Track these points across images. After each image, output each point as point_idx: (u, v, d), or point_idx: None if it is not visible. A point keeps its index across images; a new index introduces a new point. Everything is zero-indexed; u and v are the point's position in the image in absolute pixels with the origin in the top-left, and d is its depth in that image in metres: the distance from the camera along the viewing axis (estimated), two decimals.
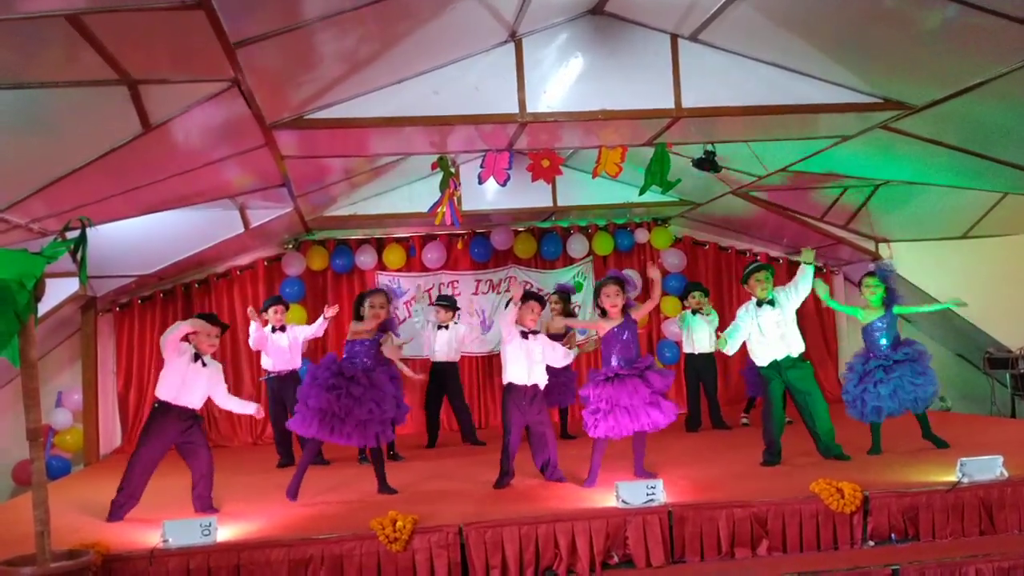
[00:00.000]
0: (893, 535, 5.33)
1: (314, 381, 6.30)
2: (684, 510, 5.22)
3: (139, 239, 8.46)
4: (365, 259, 10.90)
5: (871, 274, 7.46)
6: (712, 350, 9.56)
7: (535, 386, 6.48)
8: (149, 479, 6.01)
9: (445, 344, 9.27)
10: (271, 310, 8.40)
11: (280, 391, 8.28)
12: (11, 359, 4.54)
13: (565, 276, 11.40)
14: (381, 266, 11.01)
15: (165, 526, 4.96)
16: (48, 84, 4.63)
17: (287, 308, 8.75)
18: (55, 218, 6.20)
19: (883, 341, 7.14)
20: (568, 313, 8.84)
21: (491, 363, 11.03)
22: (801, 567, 4.93)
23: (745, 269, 7.12)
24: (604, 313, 6.39)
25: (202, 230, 8.97)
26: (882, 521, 5.32)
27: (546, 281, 11.32)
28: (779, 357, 6.79)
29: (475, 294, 11.16)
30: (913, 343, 7.20)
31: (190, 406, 6.04)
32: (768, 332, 6.80)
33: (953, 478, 5.50)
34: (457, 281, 11.16)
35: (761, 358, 6.86)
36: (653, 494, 5.27)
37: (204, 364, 6.10)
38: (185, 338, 6.09)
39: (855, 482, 5.36)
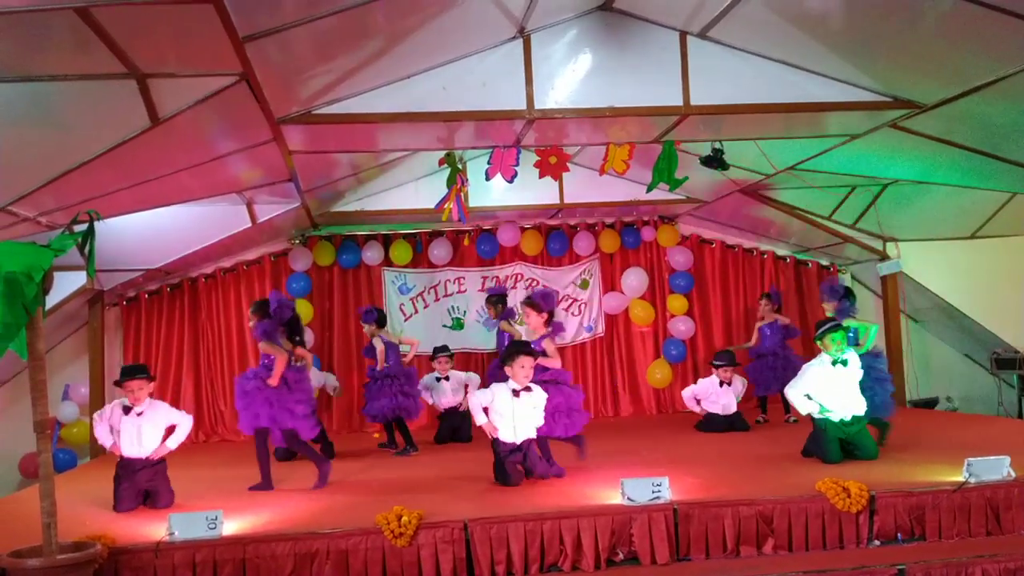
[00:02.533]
0: (899, 535, 5.31)
1: None
2: (690, 508, 5.20)
3: (146, 233, 8.48)
4: (371, 255, 10.90)
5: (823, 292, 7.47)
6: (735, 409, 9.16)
7: (526, 441, 6.30)
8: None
9: (450, 393, 9.33)
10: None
11: None
12: (19, 351, 4.55)
13: (572, 274, 11.41)
14: (387, 262, 11.01)
15: (171, 519, 4.96)
16: (57, 77, 4.65)
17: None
18: (63, 211, 6.22)
19: None
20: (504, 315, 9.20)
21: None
22: (807, 566, 4.91)
23: (818, 328, 6.89)
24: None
25: (209, 225, 8.99)
26: (888, 521, 5.29)
27: (553, 279, 11.33)
28: (845, 417, 6.64)
29: (481, 291, 11.15)
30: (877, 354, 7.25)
31: (132, 455, 6.06)
32: (837, 390, 6.68)
33: (960, 478, 5.47)
34: (463, 278, 11.15)
35: (833, 414, 6.69)
36: (659, 491, 5.26)
37: (139, 414, 6.08)
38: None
39: (861, 481, 5.34)
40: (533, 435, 6.37)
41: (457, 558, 4.98)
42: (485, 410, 6.32)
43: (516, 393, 6.27)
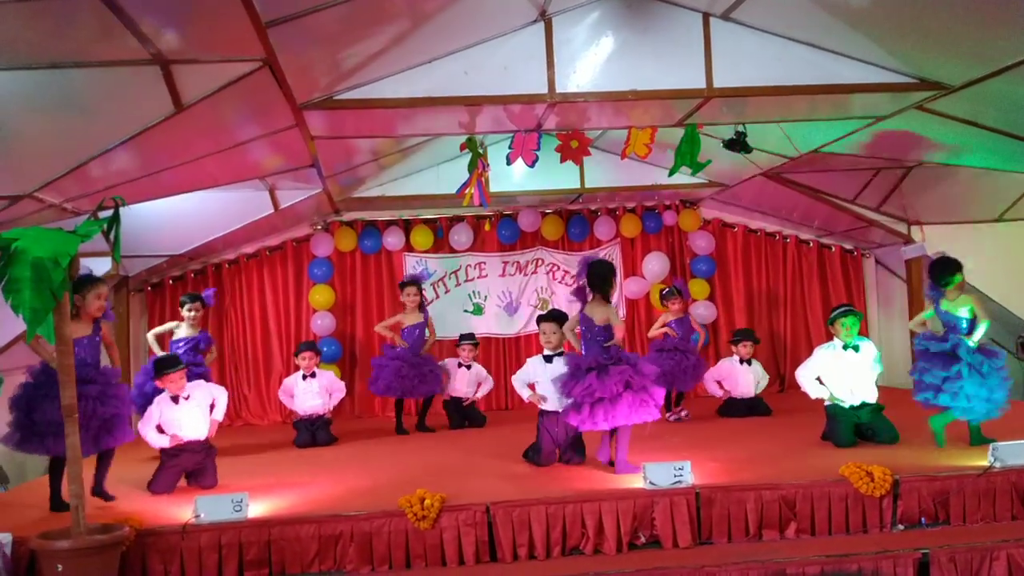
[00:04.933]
0: (923, 519, 5.29)
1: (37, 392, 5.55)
2: (712, 492, 5.21)
3: (171, 219, 8.54)
4: (393, 240, 10.92)
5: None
6: (757, 393, 9.13)
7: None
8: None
9: (465, 383, 9.28)
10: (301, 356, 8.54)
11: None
12: (47, 336, 4.62)
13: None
14: (409, 247, 11.02)
15: (197, 501, 5.03)
16: (81, 64, 4.67)
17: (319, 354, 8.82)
18: (88, 198, 6.27)
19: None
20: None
21: (517, 344, 11.06)
22: (829, 550, 4.91)
23: (833, 311, 6.94)
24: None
25: (232, 211, 9.04)
26: (912, 505, 5.28)
27: (573, 263, 11.30)
28: (857, 403, 6.67)
29: (502, 276, 11.16)
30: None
31: (194, 438, 6.15)
32: (845, 375, 6.69)
33: (985, 462, 5.45)
34: (484, 263, 11.15)
35: (843, 401, 6.72)
36: (681, 475, 5.27)
37: (187, 398, 6.19)
38: (160, 390, 6.27)
39: (885, 465, 5.33)
40: None
41: (480, 541, 5.02)
42: (531, 386, 6.45)
43: (548, 359, 6.40)
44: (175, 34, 4.64)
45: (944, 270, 6.66)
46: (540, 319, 6.64)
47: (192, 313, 8.22)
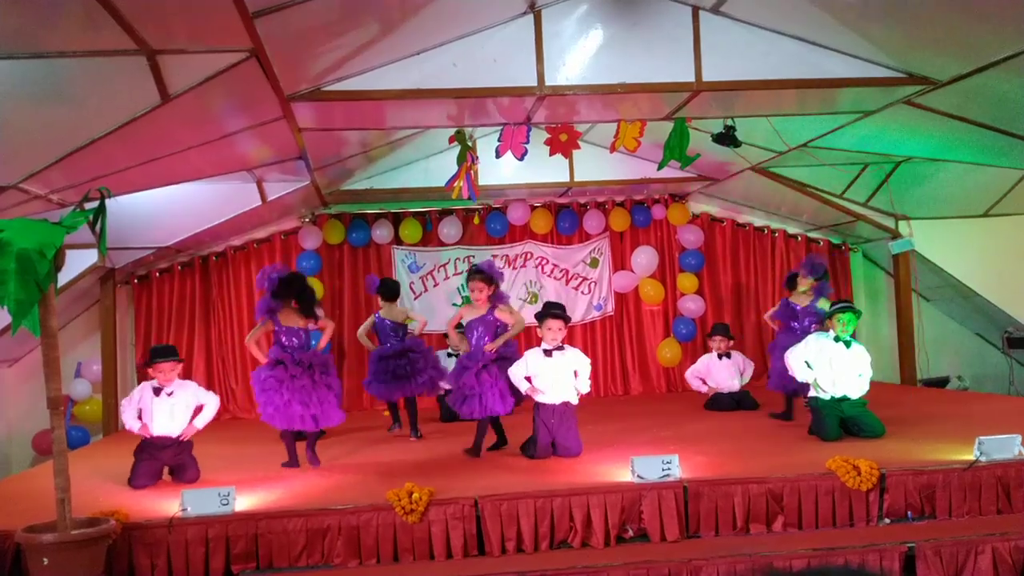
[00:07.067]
0: (909, 513, 5.31)
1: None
2: (699, 485, 5.21)
3: (157, 211, 8.50)
4: (381, 233, 10.90)
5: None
6: (740, 386, 9.10)
7: (564, 403, 6.37)
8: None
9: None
10: None
11: None
12: (32, 329, 4.57)
13: (582, 252, 11.38)
14: (397, 240, 11.01)
15: (184, 495, 5.00)
16: (67, 54, 4.64)
17: None
18: (74, 189, 6.23)
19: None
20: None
21: None
22: (816, 544, 4.92)
23: (831, 306, 7.00)
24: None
25: (220, 203, 9.00)
26: (898, 499, 5.29)
27: (562, 257, 11.32)
28: (838, 395, 6.68)
29: None
30: None
31: (164, 435, 6.07)
32: (830, 366, 6.72)
33: (970, 456, 5.46)
34: (473, 256, 11.13)
35: (823, 391, 6.75)
36: (668, 469, 5.27)
37: (170, 394, 6.11)
38: (146, 375, 6.25)
39: (872, 459, 5.34)
40: (572, 399, 6.42)
41: (468, 534, 5.00)
42: (528, 379, 6.45)
43: (548, 353, 6.40)
44: (161, 24, 4.60)
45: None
46: (550, 315, 6.47)
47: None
